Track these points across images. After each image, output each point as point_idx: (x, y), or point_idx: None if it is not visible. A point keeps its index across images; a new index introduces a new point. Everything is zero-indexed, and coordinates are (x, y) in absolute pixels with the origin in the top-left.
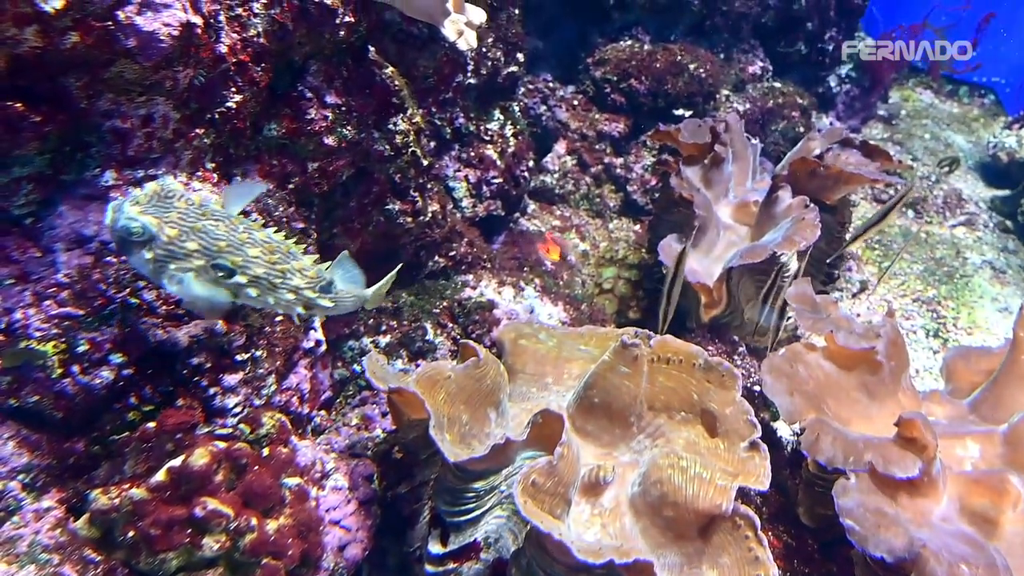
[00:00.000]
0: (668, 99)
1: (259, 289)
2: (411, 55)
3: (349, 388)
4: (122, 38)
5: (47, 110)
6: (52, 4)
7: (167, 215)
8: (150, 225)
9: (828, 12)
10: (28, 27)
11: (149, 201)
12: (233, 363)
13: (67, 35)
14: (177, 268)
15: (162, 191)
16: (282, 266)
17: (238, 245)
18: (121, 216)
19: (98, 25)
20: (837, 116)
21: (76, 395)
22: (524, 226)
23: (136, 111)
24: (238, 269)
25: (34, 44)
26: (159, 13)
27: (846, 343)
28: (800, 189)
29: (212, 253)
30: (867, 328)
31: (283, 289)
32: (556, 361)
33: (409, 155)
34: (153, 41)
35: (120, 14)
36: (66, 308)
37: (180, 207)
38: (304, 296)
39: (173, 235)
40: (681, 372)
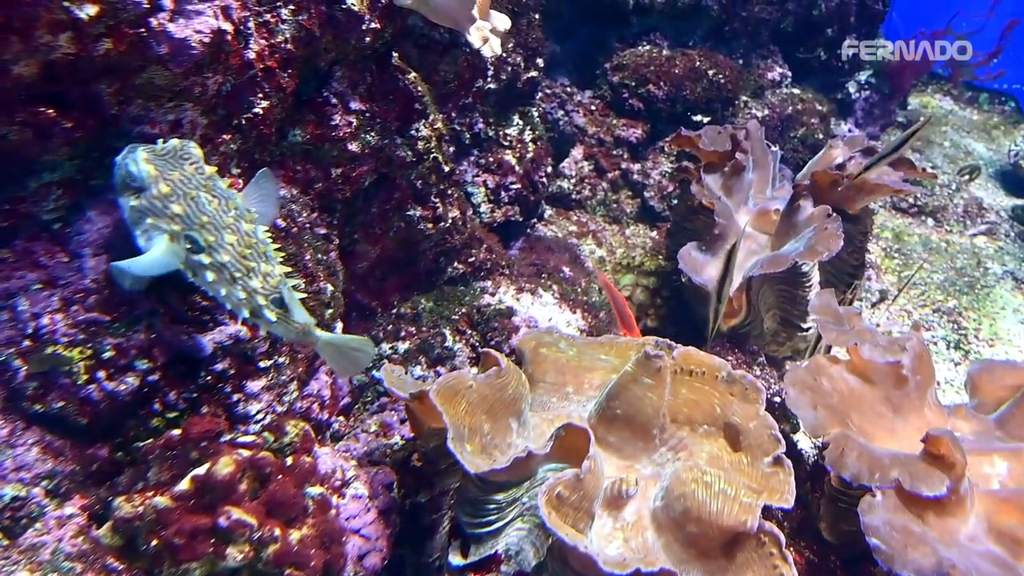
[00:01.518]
0: (686, 105)
1: (217, 276)
2: (432, 60)
3: (367, 394)
4: (154, 45)
5: (78, 116)
6: (86, 11)
7: (169, 172)
8: (146, 176)
9: (848, 18)
10: (62, 34)
11: (162, 154)
12: (256, 369)
13: (100, 41)
14: (153, 224)
15: (180, 150)
16: (249, 263)
17: (219, 226)
18: (128, 158)
19: (131, 32)
20: (856, 123)
21: (101, 401)
22: (541, 232)
23: (165, 117)
24: (207, 248)
25: (67, 51)
26: (191, 20)
27: (871, 357)
28: (822, 198)
29: (191, 223)
30: (892, 341)
31: (239, 285)
32: (577, 371)
33: (431, 161)
34: (184, 48)
35: (153, 21)
36: (93, 313)
37: (187, 171)
38: (255, 301)
39: (164, 192)
40: (704, 384)
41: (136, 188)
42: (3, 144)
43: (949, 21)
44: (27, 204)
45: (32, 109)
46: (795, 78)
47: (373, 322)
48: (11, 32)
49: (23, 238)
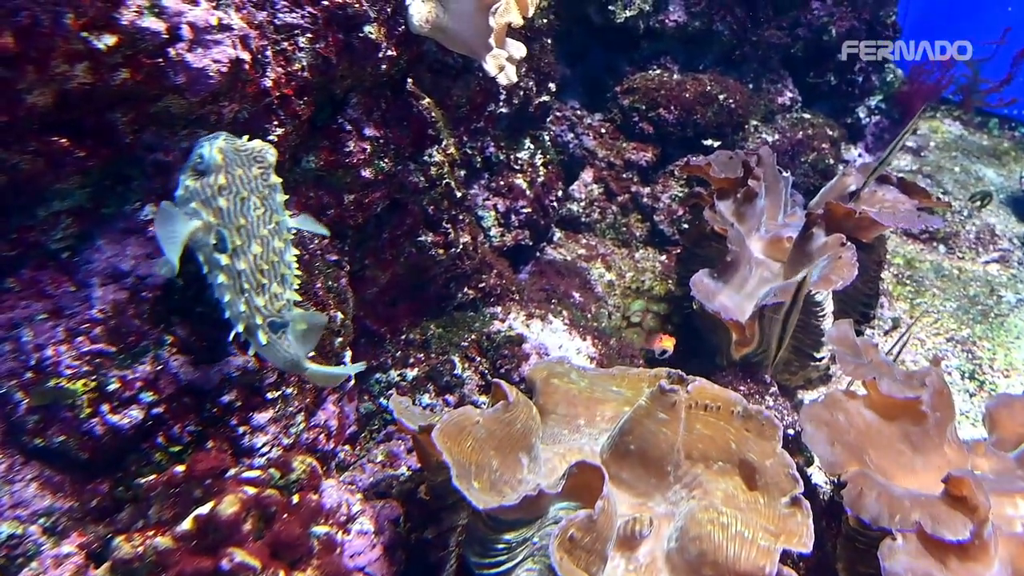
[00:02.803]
0: (697, 129)
1: (227, 280)
2: (445, 84)
3: (374, 422)
4: (172, 74)
5: (92, 144)
6: (104, 41)
7: (234, 168)
8: (212, 163)
9: (859, 43)
10: (79, 64)
11: (239, 149)
12: (264, 401)
13: (117, 71)
14: (195, 209)
15: (256, 152)
16: (262, 279)
17: (251, 234)
18: (207, 142)
19: (148, 62)
20: (866, 147)
21: (104, 435)
22: (551, 255)
23: (179, 144)
24: (230, 250)
25: (83, 80)
26: (209, 50)
27: (889, 392)
28: (835, 226)
29: (228, 222)
30: (910, 375)
31: (243, 298)
32: (588, 402)
33: (443, 187)
34: (202, 77)
35: (171, 51)
36: (98, 345)
37: (252, 173)
38: (253, 319)
39: (219, 183)
40: (719, 420)
41: (199, 170)
42: (14, 173)
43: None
44: (35, 233)
45: (45, 138)
46: (805, 103)
47: (382, 348)
48: (27, 62)
49: (30, 267)
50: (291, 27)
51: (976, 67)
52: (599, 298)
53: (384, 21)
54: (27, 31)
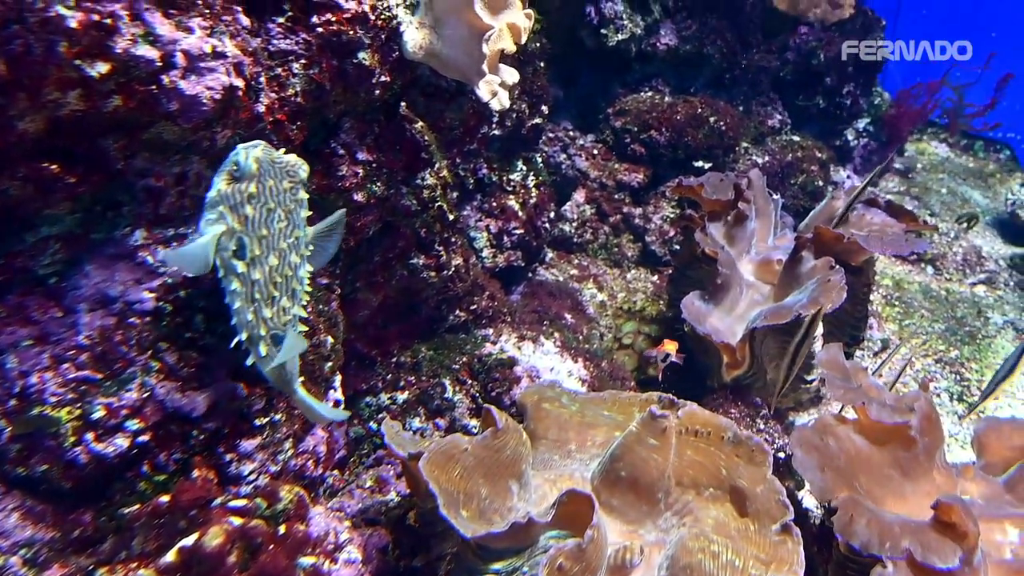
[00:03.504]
0: (688, 151)
1: (240, 287)
2: (438, 107)
3: (364, 446)
4: (165, 102)
5: (82, 170)
6: (97, 69)
7: (266, 179)
8: (247, 171)
9: (846, 67)
10: (71, 91)
11: (274, 161)
12: (251, 428)
13: (110, 98)
14: (223, 212)
15: (290, 167)
16: (273, 292)
17: (271, 246)
18: (245, 149)
19: (141, 89)
20: (855, 169)
21: (88, 464)
22: (543, 276)
23: (170, 169)
24: (248, 259)
25: (75, 107)
26: (203, 77)
27: (879, 417)
28: (824, 250)
29: (250, 230)
30: (899, 399)
31: (252, 308)
32: (579, 427)
33: (435, 209)
34: (195, 104)
35: (164, 78)
36: (84, 372)
37: (283, 186)
38: (257, 329)
39: (250, 191)
40: (710, 446)
41: (234, 176)
42: (3, 199)
43: (945, 72)
44: (23, 258)
45: (35, 164)
46: (795, 125)
47: (372, 371)
48: (19, 89)
49: (16, 293)
50: (285, 53)
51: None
52: (591, 319)
53: (378, 47)
54: (20, 59)
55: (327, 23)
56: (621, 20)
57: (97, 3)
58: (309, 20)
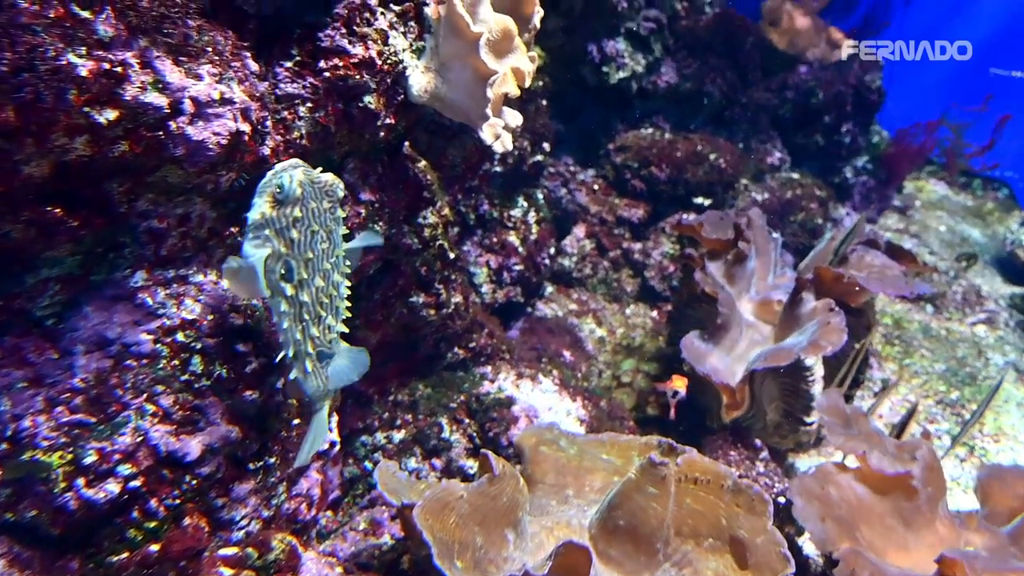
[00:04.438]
0: (688, 187)
1: (289, 308)
2: (441, 145)
3: (358, 486)
4: (171, 147)
5: (85, 214)
6: (106, 115)
7: (309, 201)
8: (292, 195)
9: (845, 106)
10: (79, 137)
11: (318, 185)
12: (245, 472)
13: (117, 144)
14: (268, 236)
15: (329, 187)
16: (321, 311)
17: (316, 268)
18: (287, 172)
19: (149, 135)
20: (853, 206)
21: (77, 510)
22: (542, 311)
23: (173, 211)
24: (296, 281)
25: (82, 153)
26: (210, 123)
27: (880, 466)
28: (825, 291)
29: (297, 254)
30: (901, 447)
31: (301, 327)
32: (577, 471)
33: (436, 248)
34: (201, 149)
35: (172, 124)
36: (78, 415)
37: (323, 206)
38: (304, 347)
39: (295, 215)
40: (709, 494)
41: (279, 200)
42: (4, 242)
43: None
44: (21, 300)
45: (39, 208)
46: (794, 162)
47: (369, 410)
48: (26, 135)
49: (13, 334)
50: (292, 97)
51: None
52: (589, 356)
53: (384, 91)
54: (29, 106)
55: (334, 68)
56: (622, 58)
57: (108, 51)
58: (316, 65)
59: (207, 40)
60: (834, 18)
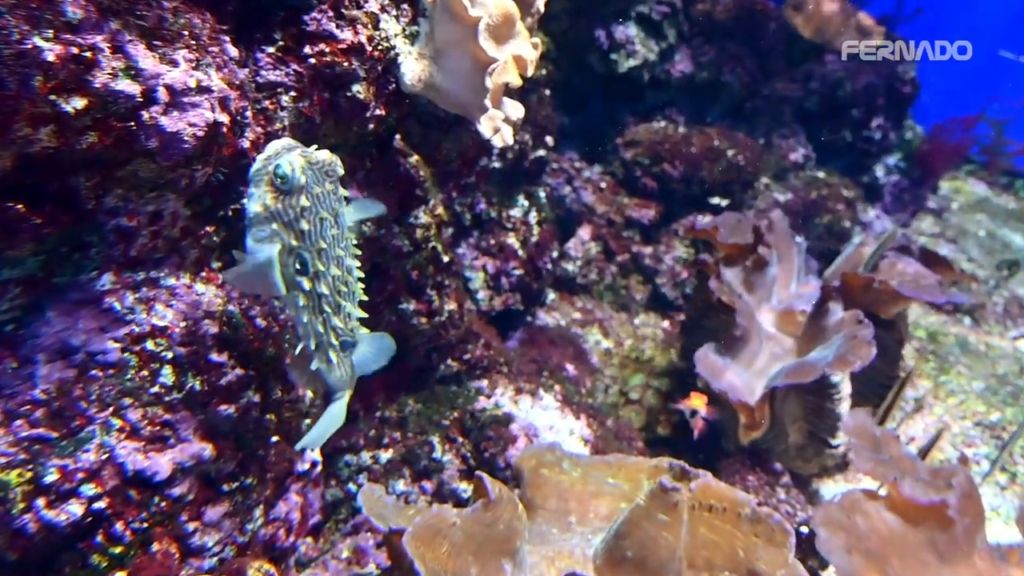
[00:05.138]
0: (703, 186)
1: (308, 302)
2: (435, 138)
3: (341, 511)
4: (143, 139)
5: (50, 210)
6: (73, 104)
7: (314, 187)
8: (297, 184)
9: (876, 99)
10: (44, 127)
11: (317, 166)
12: (218, 494)
13: (85, 135)
14: (276, 231)
15: (328, 166)
16: (340, 300)
17: (330, 257)
18: (285, 157)
19: (119, 125)
20: (884, 208)
21: (37, 534)
22: (543, 320)
23: (144, 208)
24: (312, 274)
25: (47, 144)
26: (186, 113)
27: (912, 494)
28: (853, 300)
29: (309, 245)
30: (935, 474)
31: (322, 319)
32: (581, 496)
33: (429, 250)
34: (176, 141)
35: (144, 114)
36: (38, 429)
37: (328, 188)
38: (328, 338)
39: (303, 205)
40: (725, 523)
41: (282, 189)
42: None
43: (983, 107)
44: None
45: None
46: (820, 160)
47: (354, 427)
48: None
49: None
50: (274, 85)
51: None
52: (595, 370)
53: (374, 80)
54: None
55: (320, 54)
56: (633, 45)
57: (77, 34)
58: (301, 50)
59: (183, 23)
60: (864, 3)
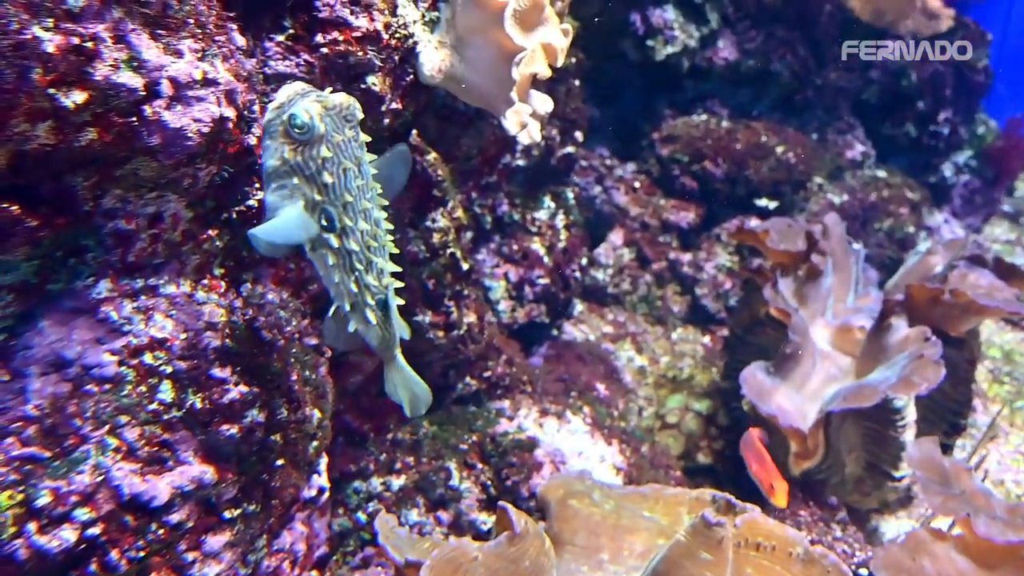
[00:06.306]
0: (749, 187)
1: (338, 260)
2: (454, 133)
3: (349, 542)
4: (145, 135)
5: (46, 212)
6: (73, 99)
7: (334, 135)
8: (317, 133)
9: (943, 90)
10: (41, 123)
11: (334, 111)
12: (220, 521)
13: (84, 131)
14: (298, 185)
15: (346, 109)
16: (371, 256)
17: (357, 210)
18: (302, 104)
19: (120, 121)
20: (953, 212)
21: (27, 561)
22: (570, 334)
23: (144, 209)
24: (339, 230)
25: (44, 141)
26: (190, 107)
27: (987, 533)
28: (918, 316)
29: (334, 199)
30: (1013, 510)
31: (354, 277)
32: (614, 531)
33: (447, 257)
34: (179, 139)
35: (147, 109)
36: (30, 448)
37: (348, 135)
38: (363, 297)
39: (324, 155)
40: (774, 563)
41: (299, 141)
42: None
43: None
44: None
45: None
46: (880, 158)
47: (364, 450)
48: None
49: None
50: (283, 76)
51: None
52: (628, 390)
53: (390, 70)
54: None
55: (333, 43)
56: (672, 30)
57: (78, 24)
58: (312, 39)
59: (188, 10)
60: None
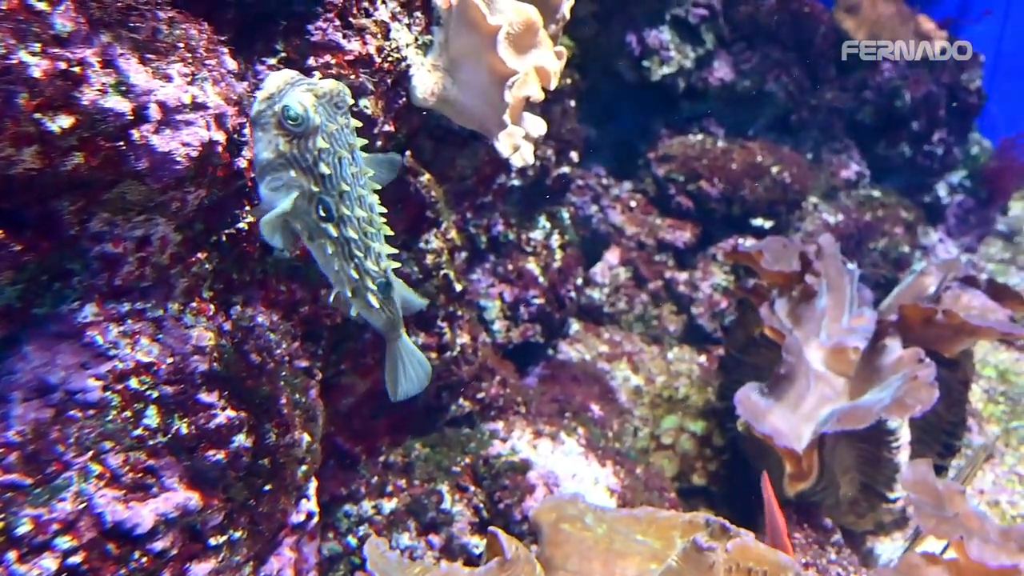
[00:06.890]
0: (744, 206)
1: (336, 249)
2: (448, 153)
3: (339, 567)
4: (133, 159)
5: (30, 237)
6: (59, 123)
7: (328, 124)
8: (312, 124)
9: (937, 111)
10: (27, 148)
11: (326, 99)
12: (205, 548)
13: (70, 156)
14: (295, 178)
15: (337, 96)
16: (369, 242)
17: (353, 198)
18: (293, 94)
19: (107, 145)
20: (947, 231)
21: None
22: (566, 354)
23: (131, 233)
24: (337, 219)
25: (30, 166)
26: (179, 131)
27: (981, 557)
28: (912, 336)
29: (331, 189)
30: (1006, 533)
31: (354, 264)
32: (606, 556)
33: (440, 278)
34: (167, 163)
35: (135, 133)
36: (11, 475)
37: (340, 123)
38: (363, 282)
39: (320, 147)
40: None
41: (293, 132)
42: None
43: None
44: None
45: None
46: (874, 177)
47: (355, 472)
48: None
49: None
50: None
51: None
52: (623, 410)
53: (383, 93)
54: None
55: (325, 66)
56: (667, 50)
57: (66, 48)
58: (304, 63)
59: (179, 34)
60: (924, 4)
